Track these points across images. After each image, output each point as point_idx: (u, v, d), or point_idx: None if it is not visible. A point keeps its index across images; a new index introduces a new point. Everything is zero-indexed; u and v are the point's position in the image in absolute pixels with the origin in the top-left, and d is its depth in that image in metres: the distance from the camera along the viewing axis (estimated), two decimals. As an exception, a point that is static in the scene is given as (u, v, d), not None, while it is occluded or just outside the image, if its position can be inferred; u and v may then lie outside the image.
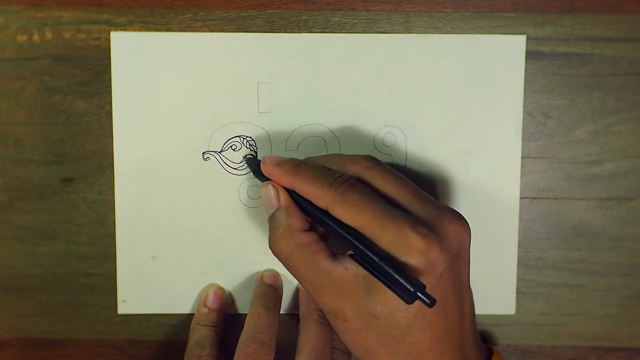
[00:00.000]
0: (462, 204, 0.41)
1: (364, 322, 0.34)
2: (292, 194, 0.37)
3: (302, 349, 0.38)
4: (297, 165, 0.37)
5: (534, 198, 0.42)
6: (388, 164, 0.41)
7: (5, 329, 0.43)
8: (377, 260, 0.32)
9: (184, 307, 0.42)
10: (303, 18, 0.41)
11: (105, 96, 0.41)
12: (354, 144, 0.41)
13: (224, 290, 0.42)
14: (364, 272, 0.33)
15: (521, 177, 0.42)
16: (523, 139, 0.41)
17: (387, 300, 0.33)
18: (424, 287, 0.32)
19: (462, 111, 0.41)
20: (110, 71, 0.41)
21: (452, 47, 0.41)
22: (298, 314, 0.41)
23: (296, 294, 0.42)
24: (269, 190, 0.37)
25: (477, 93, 0.41)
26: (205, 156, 0.41)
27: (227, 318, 0.42)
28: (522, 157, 0.41)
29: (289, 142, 0.41)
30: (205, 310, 0.41)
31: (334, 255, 0.35)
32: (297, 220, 0.36)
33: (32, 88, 0.41)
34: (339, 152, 0.41)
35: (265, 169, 0.37)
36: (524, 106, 0.41)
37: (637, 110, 0.41)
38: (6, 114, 0.41)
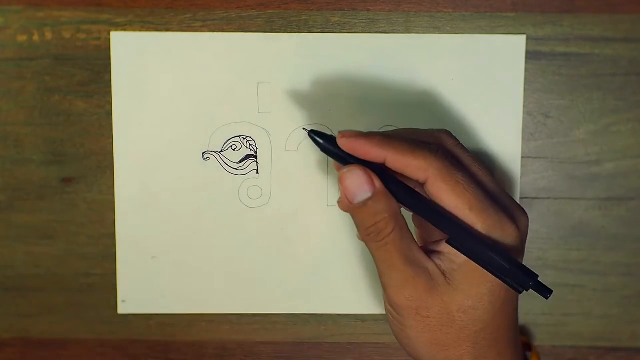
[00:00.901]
0: (462, 204, 0.41)
1: (449, 318, 0.33)
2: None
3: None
4: (388, 136, 0.33)
5: (534, 198, 0.42)
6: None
7: (5, 329, 0.43)
8: (486, 249, 0.31)
9: (184, 307, 0.42)
10: (303, 18, 0.41)
11: (105, 96, 0.41)
12: (354, 144, 0.41)
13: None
14: (453, 266, 0.33)
15: (521, 177, 0.42)
16: (523, 139, 0.41)
17: (478, 295, 0.33)
18: (537, 276, 0.31)
19: (462, 111, 0.41)
20: (110, 71, 0.41)
21: (452, 47, 0.41)
22: (303, 314, 0.41)
23: (300, 293, 0.42)
24: (359, 174, 0.32)
25: (477, 93, 0.41)
26: (205, 156, 0.41)
27: (226, 319, 0.42)
28: (522, 157, 0.41)
29: (289, 142, 0.41)
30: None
31: (425, 248, 0.34)
32: (395, 203, 0.33)
33: (32, 88, 0.41)
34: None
35: (346, 143, 0.33)
36: (524, 106, 0.41)
37: (637, 110, 0.41)
38: (6, 114, 0.41)
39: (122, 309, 0.42)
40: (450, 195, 0.32)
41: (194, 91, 0.41)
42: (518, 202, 0.41)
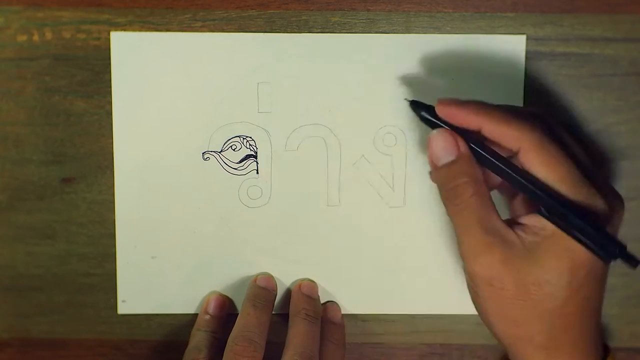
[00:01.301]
0: (462, 204, 0.41)
1: (523, 290, 0.33)
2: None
3: (290, 345, 0.38)
4: (485, 105, 0.34)
5: (534, 198, 0.42)
6: (388, 163, 0.41)
7: (5, 329, 0.43)
8: (576, 217, 0.31)
9: (184, 307, 0.42)
10: (303, 18, 0.41)
11: (105, 96, 0.41)
12: (354, 144, 0.41)
13: (225, 297, 0.42)
14: (535, 239, 0.33)
15: (521, 177, 0.42)
16: (523, 139, 0.41)
17: (556, 270, 0.32)
18: (625, 246, 0.31)
19: (462, 111, 0.41)
20: (110, 71, 0.41)
21: (452, 47, 0.41)
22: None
23: (290, 294, 0.42)
24: (446, 137, 0.34)
25: (477, 93, 0.41)
26: (205, 156, 0.41)
27: (226, 318, 0.42)
28: (522, 157, 0.41)
29: (289, 142, 0.41)
30: (207, 317, 0.41)
31: (507, 219, 0.34)
32: (479, 170, 0.34)
33: (32, 88, 0.41)
34: (339, 153, 0.41)
35: (443, 109, 0.34)
36: (524, 106, 0.41)
37: (637, 110, 0.41)
38: (6, 114, 0.41)
39: (122, 309, 0.42)
40: (543, 166, 0.33)
41: (194, 91, 0.41)
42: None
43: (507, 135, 0.33)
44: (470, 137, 0.34)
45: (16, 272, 0.42)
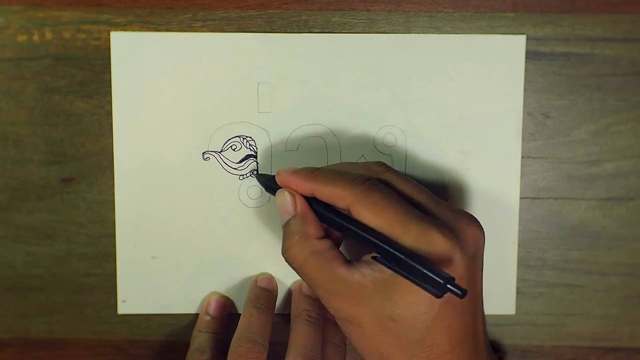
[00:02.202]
0: (462, 204, 0.41)
1: (381, 326, 0.34)
2: (308, 202, 0.36)
3: (292, 347, 0.38)
4: (315, 170, 0.37)
5: (534, 198, 0.42)
6: (388, 163, 0.41)
7: (5, 329, 0.43)
8: (403, 257, 0.32)
9: (184, 307, 0.42)
10: (303, 18, 0.41)
11: (105, 96, 0.41)
12: (354, 144, 0.41)
13: (226, 298, 0.42)
14: (383, 276, 0.33)
15: (521, 177, 0.42)
16: (523, 139, 0.41)
17: (407, 303, 0.33)
18: (454, 279, 0.31)
19: (462, 111, 0.41)
20: (110, 71, 0.41)
21: (452, 47, 0.41)
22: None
23: (291, 294, 0.42)
24: (285, 197, 0.36)
25: (477, 93, 0.41)
26: (205, 156, 0.41)
27: (227, 319, 0.42)
28: (522, 157, 0.41)
29: (289, 142, 0.41)
30: (207, 317, 0.41)
31: (349, 262, 0.35)
32: (313, 227, 0.36)
33: (32, 88, 0.41)
34: (339, 153, 0.41)
35: (280, 178, 0.37)
36: (524, 106, 0.41)
37: (637, 110, 0.41)
38: (6, 114, 0.41)
39: (122, 309, 0.42)
40: (370, 216, 0.34)
41: (194, 91, 0.41)
42: (518, 202, 0.41)
43: (334, 196, 0.35)
44: (314, 199, 0.36)
45: (16, 272, 0.42)
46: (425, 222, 0.33)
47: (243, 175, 0.42)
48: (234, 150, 0.41)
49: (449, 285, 0.31)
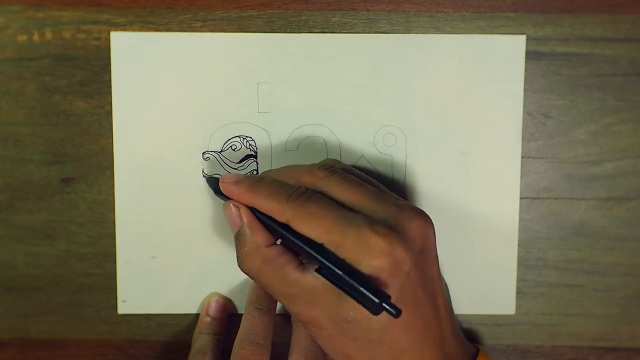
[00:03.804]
0: (462, 204, 0.41)
1: (339, 328, 0.34)
2: (254, 210, 0.37)
3: (294, 349, 0.38)
4: (255, 183, 0.37)
5: (534, 198, 0.42)
6: (388, 163, 0.41)
7: (5, 329, 0.43)
8: (340, 273, 0.32)
9: (184, 307, 0.42)
10: (303, 18, 0.41)
11: (105, 96, 0.41)
12: (354, 144, 0.41)
13: (226, 298, 0.42)
14: None
15: (521, 177, 0.42)
16: (523, 139, 0.41)
17: (358, 306, 0.33)
18: (389, 297, 0.32)
19: (462, 111, 0.41)
20: (110, 71, 0.41)
21: (452, 47, 0.41)
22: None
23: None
24: (231, 209, 0.37)
25: (477, 93, 0.41)
26: (205, 156, 0.41)
27: (228, 320, 0.42)
28: (522, 157, 0.41)
29: (289, 142, 0.41)
30: (208, 319, 0.41)
31: (303, 265, 0.35)
32: (261, 236, 0.36)
33: (32, 88, 0.41)
34: (339, 153, 0.41)
35: (223, 187, 0.37)
36: (524, 106, 0.41)
37: (637, 110, 0.41)
38: (6, 114, 0.41)
39: (122, 309, 0.42)
40: (307, 228, 0.34)
41: (194, 91, 0.41)
42: (518, 202, 0.41)
43: (273, 211, 0.35)
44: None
45: (16, 272, 0.42)
46: (362, 225, 0.33)
47: (242, 167, 0.41)
48: (234, 150, 0.41)
49: (384, 305, 0.31)
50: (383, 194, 0.36)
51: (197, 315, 0.42)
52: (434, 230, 0.36)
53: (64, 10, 0.41)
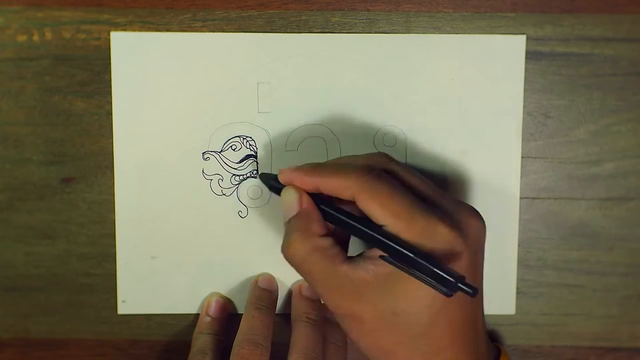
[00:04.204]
0: (462, 204, 0.42)
1: (383, 321, 0.34)
2: (313, 199, 0.36)
3: (293, 349, 0.38)
4: (318, 164, 0.36)
5: (534, 198, 0.42)
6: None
7: (5, 329, 0.43)
8: (412, 256, 0.32)
9: (184, 307, 0.42)
10: (303, 18, 0.41)
11: (105, 96, 0.41)
12: (354, 144, 0.41)
13: (226, 298, 0.42)
14: (386, 270, 0.33)
15: (521, 177, 0.42)
16: (523, 139, 0.41)
17: (411, 297, 0.33)
18: (464, 277, 0.31)
19: (462, 111, 0.41)
20: (110, 71, 0.41)
21: (452, 47, 0.41)
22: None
23: (291, 294, 0.42)
24: (292, 194, 0.36)
25: (477, 93, 0.41)
26: (205, 156, 0.41)
27: (227, 319, 0.42)
28: (522, 157, 0.41)
29: (289, 142, 0.41)
30: (208, 319, 0.41)
31: (352, 258, 0.35)
32: (316, 224, 0.35)
33: (32, 88, 0.41)
34: (339, 153, 0.41)
35: (284, 176, 0.36)
36: (524, 106, 0.41)
37: (637, 110, 0.41)
38: (6, 114, 0.41)
39: (122, 309, 0.42)
40: (375, 206, 0.33)
41: (194, 91, 0.41)
42: (518, 202, 0.41)
43: (339, 187, 0.34)
44: (321, 197, 0.36)
45: (16, 272, 0.42)
46: (431, 215, 0.33)
47: (242, 175, 0.42)
48: (234, 150, 0.41)
49: (460, 284, 0.31)
50: (441, 190, 0.36)
51: (197, 315, 0.42)
52: (486, 232, 0.35)
53: (64, 10, 0.41)
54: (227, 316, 0.42)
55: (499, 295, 0.42)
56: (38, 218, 0.42)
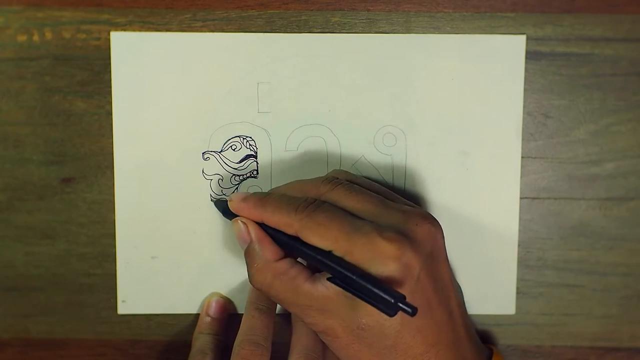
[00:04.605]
0: (462, 204, 0.41)
1: (354, 336, 0.34)
2: (263, 225, 0.37)
3: (294, 349, 0.38)
4: (263, 198, 0.37)
5: (534, 198, 0.42)
6: (388, 163, 0.41)
7: (5, 329, 0.43)
8: (354, 277, 0.32)
9: (184, 307, 0.42)
10: (303, 18, 0.41)
11: (105, 96, 0.41)
12: (354, 144, 0.41)
13: (226, 298, 0.42)
14: None
15: (521, 177, 0.42)
16: (523, 139, 0.41)
17: (371, 312, 0.33)
18: (404, 297, 0.31)
19: (462, 111, 0.41)
20: (110, 71, 0.41)
21: (452, 47, 0.41)
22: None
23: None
24: (239, 225, 0.37)
25: (477, 93, 0.41)
26: (205, 156, 0.41)
27: (228, 320, 0.42)
28: (522, 157, 0.41)
29: (289, 142, 0.41)
30: (208, 319, 0.41)
31: (313, 275, 0.36)
32: (270, 251, 0.36)
33: (32, 88, 0.41)
34: (339, 153, 0.41)
35: (232, 206, 0.38)
36: (524, 106, 0.41)
37: (637, 110, 0.41)
38: (6, 114, 0.41)
39: (122, 309, 0.42)
40: (316, 238, 0.34)
41: (194, 91, 0.41)
42: (518, 202, 0.41)
43: (282, 224, 0.36)
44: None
45: (16, 272, 0.42)
46: (370, 232, 0.33)
47: (242, 175, 0.42)
48: (234, 150, 0.41)
49: (400, 304, 0.31)
50: (388, 201, 0.36)
51: (197, 316, 0.42)
52: (443, 233, 0.36)
53: (64, 10, 0.41)
54: (227, 316, 0.42)
55: (499, 295, 0.42)
56: (38, 218, 0.42)
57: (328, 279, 0.34)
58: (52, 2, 0.41)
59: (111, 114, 0.41)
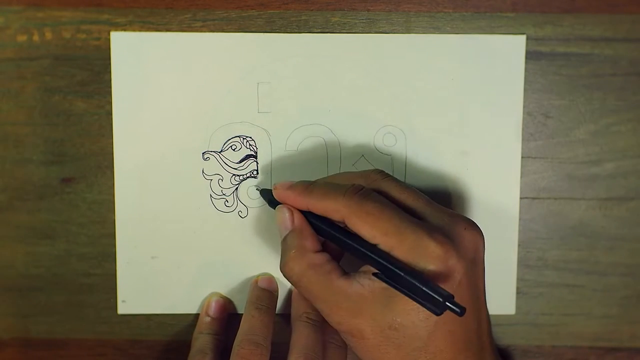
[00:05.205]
0: (462, 204, 0.41)
1: (383, 336, 0.34)
2: (306, 216, 0.37)
3: (293, 349, 0.38)
4: (309, 185, 0.37)
5: (534, 198, 0.42)
6: (388, 163, 0.41)
7: (5, 329, 0.43)
8: (402, 274, 0.32)
9: (184, 307, 0.42)
10: (303, 18, 0.41)
11: (105, 96, 0.41)
12: (354, 144, 0.41)
13: (226, 298, 0.42)
14: (382, 285, 0.33)
15: (521, 177, 0.42)
16: (523, 139, 0.41)
17: (407, 311, 0.33)
18: (452, 296, 0.31)
19: (462, 111, 0.41)
20: (110, 71, 0.41)
21: (452, 47, 0.41)
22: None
23: (291, 294, 0.42)
24: (284, 212, 0.37)
25: (477, 93, 0.41)
26: (205, 156, 0.41)
27: (227, 320, 0.42)
28: (522, 157, 0.41)
29: (289, 142, 0.41)
30: (208, 319, 0.41)
31: (347, 274, 0.35)
32: (310, 241, 0.36)
33: (32, 88, 0.41)
34: (339, 153, 0.41)
35: (277, 193, 0.37)
36: (524, 106, 0.41)
37: (637, 110, 0.41)
38: (6, 114, 0.41)
39: (122, 309, 0.42)
40: (365, 227, 0.34)
41: (194, 91, 0.41)
42: (518, 202, 0.41)
43: (328, 210, 0.35)
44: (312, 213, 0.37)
45: (16, 272, 0.42)
46: (420, 230, 0.33)
47: (242, 175, 0.42)
48: (234, 150, 0.41)
49: (447, 303, 0.31)
50: (435, 202, 0.36)
51: (197, 315, 0.42)
52: (484, 242, 0.36)
53: (64, 10, 0.41)
54: (227, 316, 0.42)
55: (499, 295, 0.42)
56: (38, 218, 0.42)
57: (374, 274, 0.33)
58: (52, 2, 0.41)
59: (111, 114, 0.41)
